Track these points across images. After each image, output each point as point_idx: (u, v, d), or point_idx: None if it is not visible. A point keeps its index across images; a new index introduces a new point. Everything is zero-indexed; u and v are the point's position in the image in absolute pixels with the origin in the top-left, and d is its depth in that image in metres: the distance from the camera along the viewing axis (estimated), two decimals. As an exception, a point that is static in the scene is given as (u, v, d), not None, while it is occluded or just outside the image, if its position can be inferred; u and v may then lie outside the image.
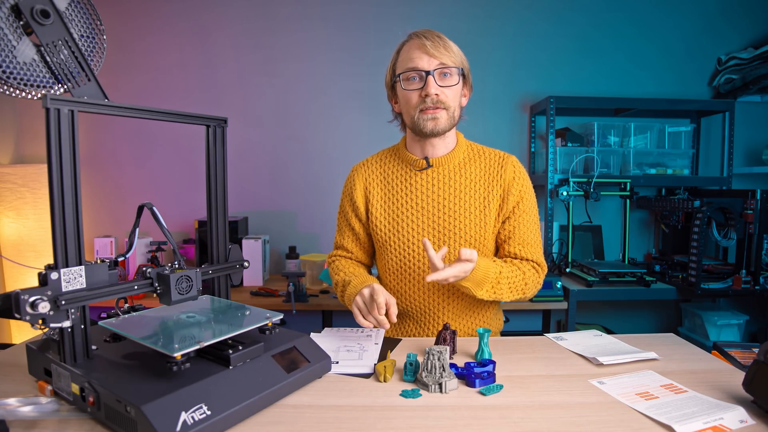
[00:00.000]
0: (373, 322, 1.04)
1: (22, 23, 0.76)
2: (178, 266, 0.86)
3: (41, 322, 0.69)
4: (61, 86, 0.81)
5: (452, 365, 0.91)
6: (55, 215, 0.71)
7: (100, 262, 0.77)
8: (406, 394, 0.82)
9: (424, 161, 1.18)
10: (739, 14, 2.54)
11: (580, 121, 2.52)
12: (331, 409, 0.77)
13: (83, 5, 0.86)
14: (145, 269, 0.82)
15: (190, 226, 2.51)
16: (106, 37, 0.90)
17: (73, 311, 0.73)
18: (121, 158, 2.51)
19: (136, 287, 0.81)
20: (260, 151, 2.53)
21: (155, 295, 0.83)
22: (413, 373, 0.88)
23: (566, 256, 2.31)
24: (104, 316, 1.02)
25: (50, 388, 0.77)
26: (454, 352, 1.01)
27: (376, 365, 0.90)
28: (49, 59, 0.78)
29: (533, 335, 1.16)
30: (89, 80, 0.81)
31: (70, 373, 0.73)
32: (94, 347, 0.79)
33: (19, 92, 0.78)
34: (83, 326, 0.75)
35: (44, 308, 0.68)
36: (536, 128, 2.59)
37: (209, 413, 0.67)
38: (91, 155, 2.48)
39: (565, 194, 2.20)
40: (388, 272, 1.23)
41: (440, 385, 0.83)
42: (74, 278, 0.73)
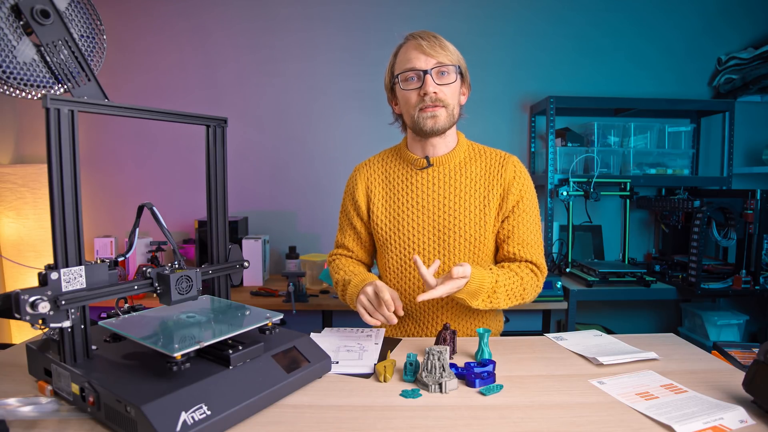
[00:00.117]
0: (381, 319, 1.04)
1: (22, 23, 0.76)
2: (178, 266, 0.86)
3: (41, 322, 0.69)
4: (61, 86, 0.81)
5: (452, 365, 0.91)
6: (55, 215, 0.71)
7: (100, 262, 0.77)
8: (406, 394, 0.82)
9: (424, 160, 1.18)
10: (739, 14, 2.54)
11: (580, 121, 2.52)
12: (331, 409, 0.77)
13: (83, 5, 0.86)
14: (145, 269, 0.82)
15: (190, 226, 2.51)
16: (106, 37, 0.90)
17: (73, 311, 0.73)
18: (121, 158, 2.51)
19: (136, 287, 0.81)
20: (260, 151, 2.53)
21: (155, 295, 0.83)
22: (413, 373, 0.88)
23: (566, 256, 2.31)
24: (104, 316, 1.02)
25: (50, 388, 0.77)
26: (454, 352, 1.01)
27: (376, 365, 0.90)
28: (49, 59, 0.78)
29: (533, 335, 1.16)
30: (89, 80, 0.81)
31: (70, 373, 0.73)
32: (94, 347, 0.79)
33: (19, 92, 0.78)
34: (83, 326, 0.75)
35: (44, 308, 0.68)
36: (536, 128, 2.59)
37: (209, 413, 0.67)
38: (91, 155, 2.48)
39: (565, 194, 2.21)
40: (388, 271, 1.24)
41: (440, 385, 0.83)
42: (74, 278, 0.73)
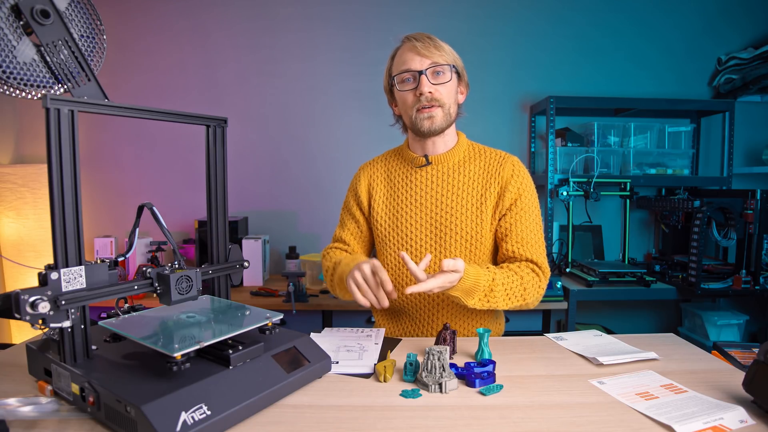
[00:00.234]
0: (372, 300, 1.01)
1: (22, 23, 0.76)
2: (178, 266, 0.86)
3: (41, 322, 0.69)
4: (61, 86, 0.81)
5: (452, 365, 0.91)
6: (55, 215, 0.71)
7: (100, 262, 0.77)
8: (406, 394, 0.82)
9: (423, 158, 1.21)
10: (739, 14, 2.54)
11: (580, 121, 2.52)
12: (331, 409, 0.77)
13: (83, 5, 0.86)
14: (145, 269, 0.82)
15: (190, 226, 2.51)
16: (106, 37, 0.90)
17: (73, 311, 0.73)
18: (121, 158, 2.51)
19: (136, 287, 0.81)
20: (260, 151, 2.53)
21: (155, 295, 0.83)
22: (413, 373, 0.88)
23: (566, 256, 2.31)
24: (104, 316, 1.02)
25: (50, 388, 0.77)
26: (454, 352, 1.01)
27: (376, 365, 0.90)
28: (49, 59, 0.78)
29: (533, 335, 1.16)
30: (89, 80, 0.81)
31: (70, 373, 0.73)
32: (94, 347, 0.79)
33: (19, 92, 0.78)
34: (83, 326, 0.75)
35: (44, 308, 0.68)
36: (536, 128, 2.59)
37: (209, 413, 0.67)
38: (91, 155, 2.48)
39: (565, 194, 2.21)
40: (386, 267, 1.25)
41: (440, 385, 0.83)
42: (74, 278, 0.73)
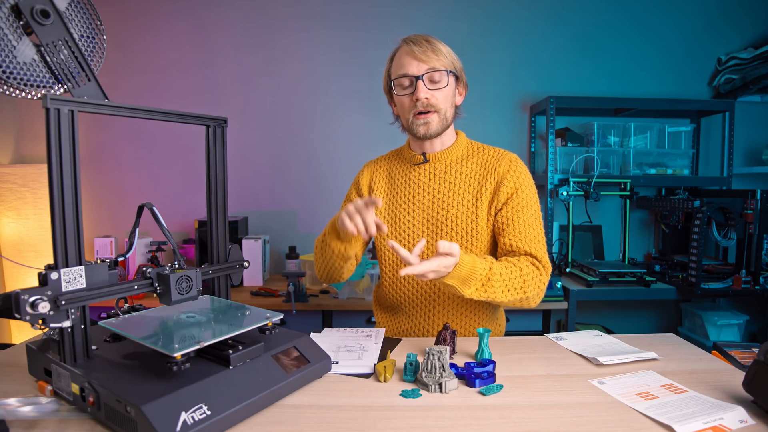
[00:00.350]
0: (359, 224, 0.98)
1: (22, 23, 0.76)
2: (178, 266, 0.86)
3: (41, 322, 0.69)
4: (61, 86, 0.81)
5: (452, 365, 0.91)
6: (55, 215, 0.71)
7: (100, 262, 0.77)
8: (406, 394, 0.82)
9: (421, 156, 1.22)
10: (739, 14, 2.54)
11: (580, 121, 2.52)
12: (331, 409, 0.77)
13: (83, 5, 0.86)
14: (145, 269, 0.82)
15: (190, 226, 2.51)
16: (106, 37, 0.90)
17: (73, 311, 0.73)
18: (121, 158, 2.51)
19: (136, 287, 0.81)
20: (260, 151, 2.53)
21: (155, 295, 0.83)
22: (413, 373, 0.88)
23: (566, 256, 2.31)
24: (104, 316, 1.02)
25: (50, 388, 0.77)
26: (454, 352, 1.01)
27: (376, 365, 0.90)
28: (49, 59, 0.78)
29: (533, 335, 1.16)
30: (89, 80, 0.81)
31: (70, 373, 0.73)
32: (94, 347, 0.79)
33: (19, 92, 0.78)
34: (83, 326, 0.75)
35: (44, 308, 0.68)
36: (536, 128, 2.59)
37: (209, 413, 0.67)
38: (91, 155, 2.48)
39: (565, 194, 2.21)
40: (384, 263, 1.26)
41: (440, 385, 0.83)
42: (74, 278, 0.73)
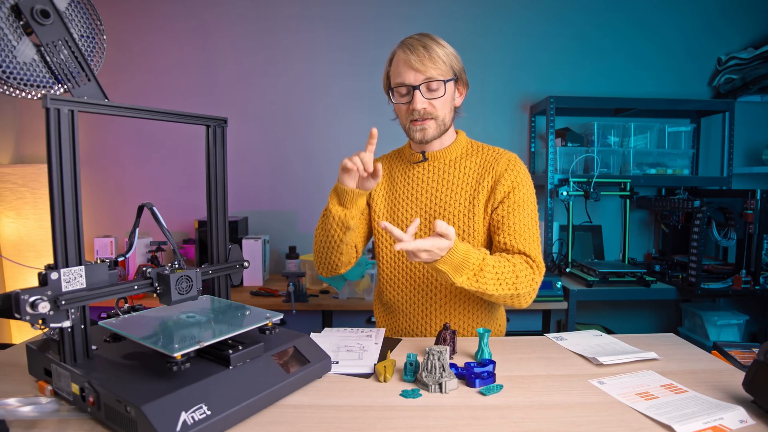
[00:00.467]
0: (357, 163, 1.03)
1: (22, 23, 0.76)
2: (178, 266, 0.86)
3: (41, 322, 0.69)
4: (61, 86, 0.81)
5: (452, 365, 0.91)
6: (55, 215, 0.71)
7: (100, 262, 0.77)
8: (406, 394, 0.82)
9: (420, 155, 1.23)
10: (739, 14, 2.54)
11: (580, 121, 2.52)
12: (331, 409, 0.77)
13: (83, 5, 0.86)
14: (145, 269, 0.82)
15: (190, 226, 2.51)
16: (106, 37, 0.90)
17: (73, 311, 0.73)
18: (121, 158, 2.51)
19: (136, 287, 0.81)
20: (260, 150, 2.53)
21: (155, 295, 0.83)
22: (413, 373, 0.88)
23: (566, 256, 2.31)
24: (104, 316, 1.02)
25: (50, 388, 0.77)
26: (454, 352, 1.01)
27: (376, 365, 0.90)
28: (49, 59, 0.78)
29: (533, 335, 1.16)
30: (89, 80, 0.81)
31: (70, 373, 0.73)
32: (94, 347, 0.79)
33: (19, 92, 0.78)
34: (83, 326, 0.75)
35: (44, 308, 0.68)
36: (536, 128, 2.59)
37: (209, 413, 0.67)
38: (91, 155, 2.48)
39: (565, 194, 2.21)
40: (382, 261, 1.26)
41: (440, 385, 0.83)
42: (74, 278, 0.73)
